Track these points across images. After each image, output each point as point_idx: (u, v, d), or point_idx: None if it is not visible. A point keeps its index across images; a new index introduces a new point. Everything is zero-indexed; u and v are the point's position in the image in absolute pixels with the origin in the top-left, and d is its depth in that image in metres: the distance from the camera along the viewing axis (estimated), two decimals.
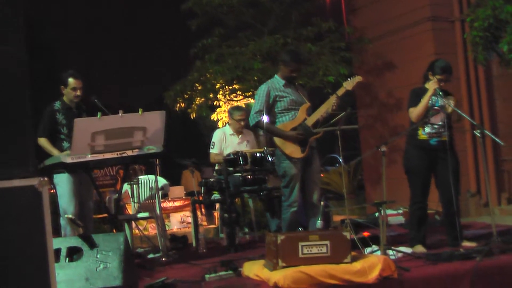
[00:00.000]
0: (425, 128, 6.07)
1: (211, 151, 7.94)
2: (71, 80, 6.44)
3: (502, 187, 10.10)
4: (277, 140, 6.24)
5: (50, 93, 6.98)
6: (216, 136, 8.00)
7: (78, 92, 6.47)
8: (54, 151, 6.27)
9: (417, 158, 6.11)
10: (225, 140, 7.94)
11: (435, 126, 6.05)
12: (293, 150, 6.19)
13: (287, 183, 6.23)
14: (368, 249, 5.70)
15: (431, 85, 6.02)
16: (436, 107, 6.06)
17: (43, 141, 6.36)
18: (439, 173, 6.12)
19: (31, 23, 18.10)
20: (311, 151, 6.30)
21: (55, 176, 6.29)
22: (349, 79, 6.36)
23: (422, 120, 6.03)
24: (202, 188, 7.60)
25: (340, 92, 6.26)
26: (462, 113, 6.22)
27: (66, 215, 6.14)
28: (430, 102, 6.06)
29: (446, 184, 6.03)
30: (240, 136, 7.99)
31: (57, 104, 6.50)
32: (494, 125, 10.04)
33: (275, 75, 6.51)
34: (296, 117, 6.30)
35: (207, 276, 5.14)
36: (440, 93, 6.01)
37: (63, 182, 6.29)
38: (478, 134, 5.80)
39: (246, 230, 8.23)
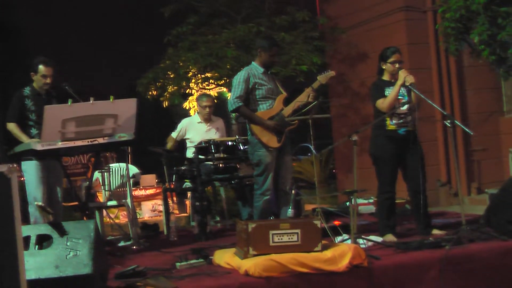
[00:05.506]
0: (393, 119, 6.10)
1: (172, 133, 8.17)
2: (41, 67, 6.36)
3: (472, 177, 10.22)
4: (254, 127, 6.25)
5: (19, 79, 6.90)
6: (182, 124, 8.19)
7: (48, 80, 6.40)
8: (24, 137, 6.20)
9: (386, 147, 6.12)
10: (190, 128, 8.02)
11: (402, 116, 6.09)
12: (270, 139, 6.22)
13: (262, 171, 6.24)
14: (339, 238, 5.73)
15: (401, 73, 6.02)
16: (400, 98, 6.07)
17: (12, 127, 6.29)
18: (407, 162, 6.15)
19: None
20: (285, 140, 6.32)
21: (22, 163, 6.23)
22: (323, 73, 6.51)
23: (391, 111, 6.05)
24: (174, 176, 7.60)
25: (316, 85, 6.43)
26: (433, 103, 6.27)
27: (36, 203, 6.09)
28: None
29: (415, 173, 6.08)
30: (208, 124, 8.00)
31: (27, 90, 6.42)
32: (464, 115, 10.14)
33: (253, 62, 6.52)
34: (273, 107, 6.34)
35: (178, 264, 5.14)
36: (412, 83, 5.99)
37: (31, 169, 6.24)
38: (449, 124, 5.82)
39: (218, 218, 8.23)
